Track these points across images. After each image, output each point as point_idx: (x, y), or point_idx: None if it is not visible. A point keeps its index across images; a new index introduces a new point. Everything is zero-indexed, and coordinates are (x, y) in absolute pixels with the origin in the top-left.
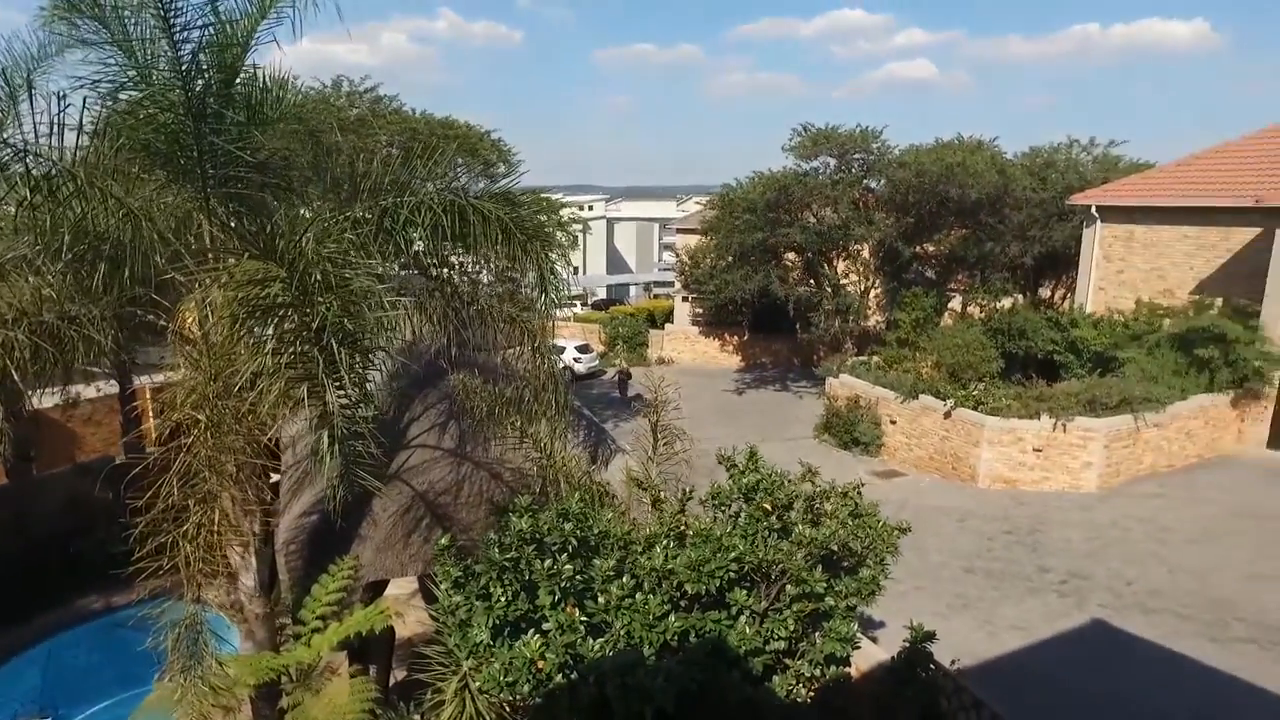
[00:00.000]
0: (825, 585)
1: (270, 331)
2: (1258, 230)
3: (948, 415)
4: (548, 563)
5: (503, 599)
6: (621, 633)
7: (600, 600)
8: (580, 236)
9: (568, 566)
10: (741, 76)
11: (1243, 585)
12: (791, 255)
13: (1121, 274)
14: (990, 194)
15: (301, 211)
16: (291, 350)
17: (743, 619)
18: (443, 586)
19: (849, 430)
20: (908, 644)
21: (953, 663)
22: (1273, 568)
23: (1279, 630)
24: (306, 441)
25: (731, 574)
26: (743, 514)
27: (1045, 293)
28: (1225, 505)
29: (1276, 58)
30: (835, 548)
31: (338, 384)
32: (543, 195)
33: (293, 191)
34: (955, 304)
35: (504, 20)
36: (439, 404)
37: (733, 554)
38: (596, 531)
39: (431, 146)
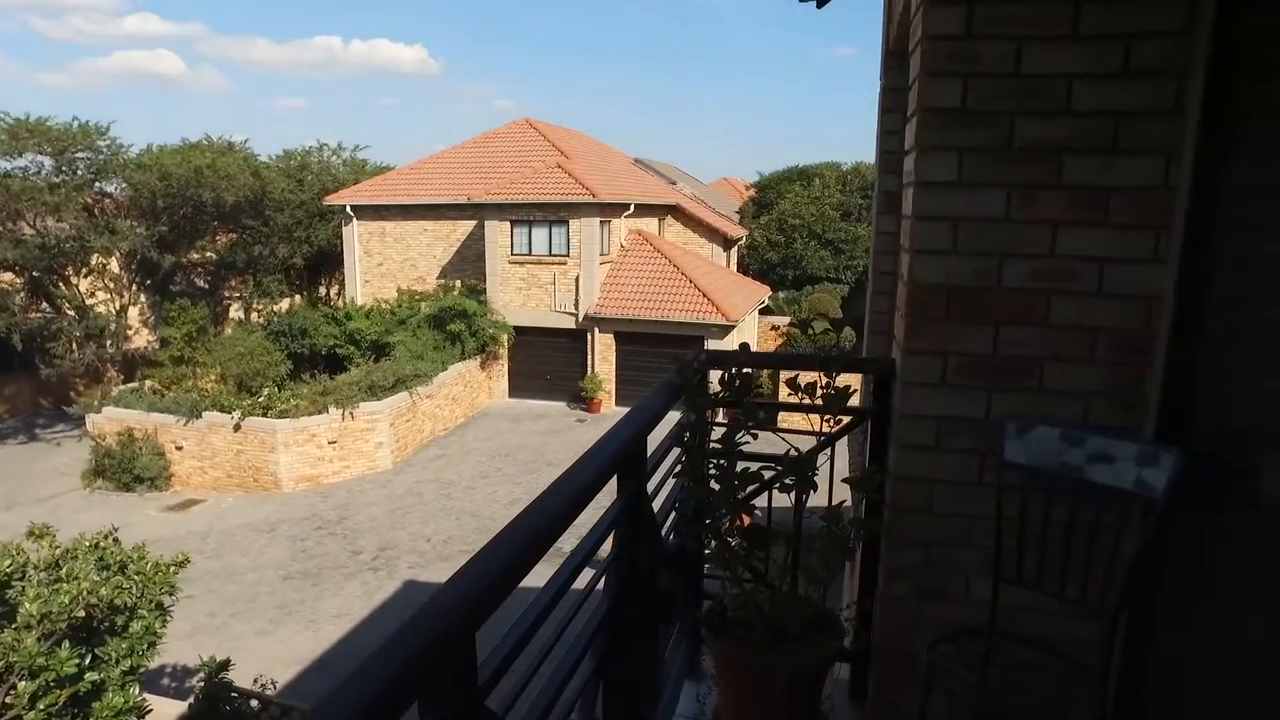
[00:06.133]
0: (80, 662)
1: None
2: (474, 222)
3: (238, 428)
4: None
5: None
6: None
7: None
8: None
9: None
10: None
11: (507, 512)
12: (9, 276)
13: (382, 266)
14: (249, 197)
15: None
16: None
17: None
18: None
19: (127, 468)
20: (202, 682)
21: (255, 680)
22: (520, 491)
23: None
24: None
25: None
26: None
27: (322, 291)
28: (488, 450)
29: (474, 88)
30: (87, 612)
31: None
32: None
33: None
34: (236, 311)
35: None
36: None
37: None
38: None
39: None
